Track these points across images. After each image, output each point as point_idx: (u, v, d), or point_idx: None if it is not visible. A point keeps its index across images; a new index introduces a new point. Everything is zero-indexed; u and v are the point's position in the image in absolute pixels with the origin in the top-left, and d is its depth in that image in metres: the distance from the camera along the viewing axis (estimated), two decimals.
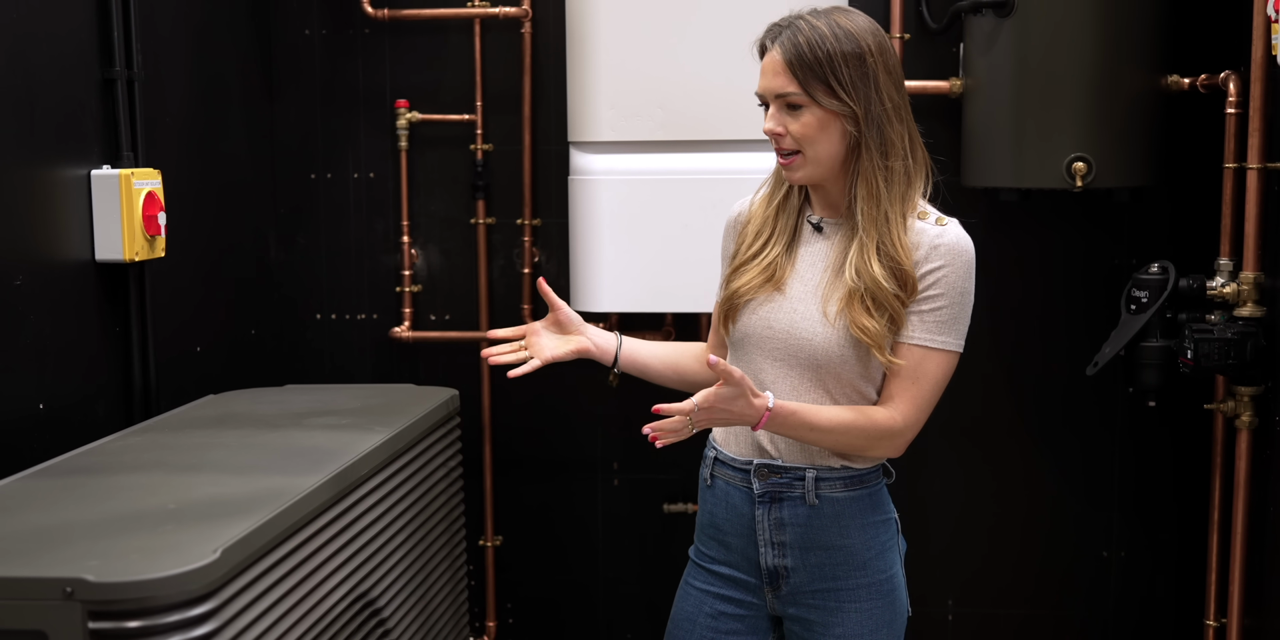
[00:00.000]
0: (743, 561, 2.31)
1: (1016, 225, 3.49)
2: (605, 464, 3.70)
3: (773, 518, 2.26)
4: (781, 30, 2.17)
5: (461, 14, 3.55)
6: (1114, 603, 3.58)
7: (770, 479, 2.25)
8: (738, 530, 2.30)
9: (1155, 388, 3.13)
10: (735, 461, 2.28)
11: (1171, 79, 3.19)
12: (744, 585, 2.32)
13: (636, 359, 2.44)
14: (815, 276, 2.23)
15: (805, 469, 2.24)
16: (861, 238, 2.16)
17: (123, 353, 2.88)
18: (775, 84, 2.15)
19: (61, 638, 1.74)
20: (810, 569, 2.26)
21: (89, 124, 2.77)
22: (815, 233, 2.26)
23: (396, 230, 3.65)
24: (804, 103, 2.14)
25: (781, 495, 2.25)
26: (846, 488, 2.26)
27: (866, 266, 2.14)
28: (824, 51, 2.12)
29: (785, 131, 2.16)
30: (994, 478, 3.60)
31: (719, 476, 2.32)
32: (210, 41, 3.31)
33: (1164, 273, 3.09)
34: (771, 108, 2.17)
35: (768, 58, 2.18)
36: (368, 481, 2.43)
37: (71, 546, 1.86)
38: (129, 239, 2.75)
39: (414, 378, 3.64)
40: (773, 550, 2.27)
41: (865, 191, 2.17)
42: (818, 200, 2.27)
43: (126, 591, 1.74)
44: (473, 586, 3.74)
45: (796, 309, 2.20)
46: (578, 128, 3.25)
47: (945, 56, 3.43)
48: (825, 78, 2.13)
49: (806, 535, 2.25)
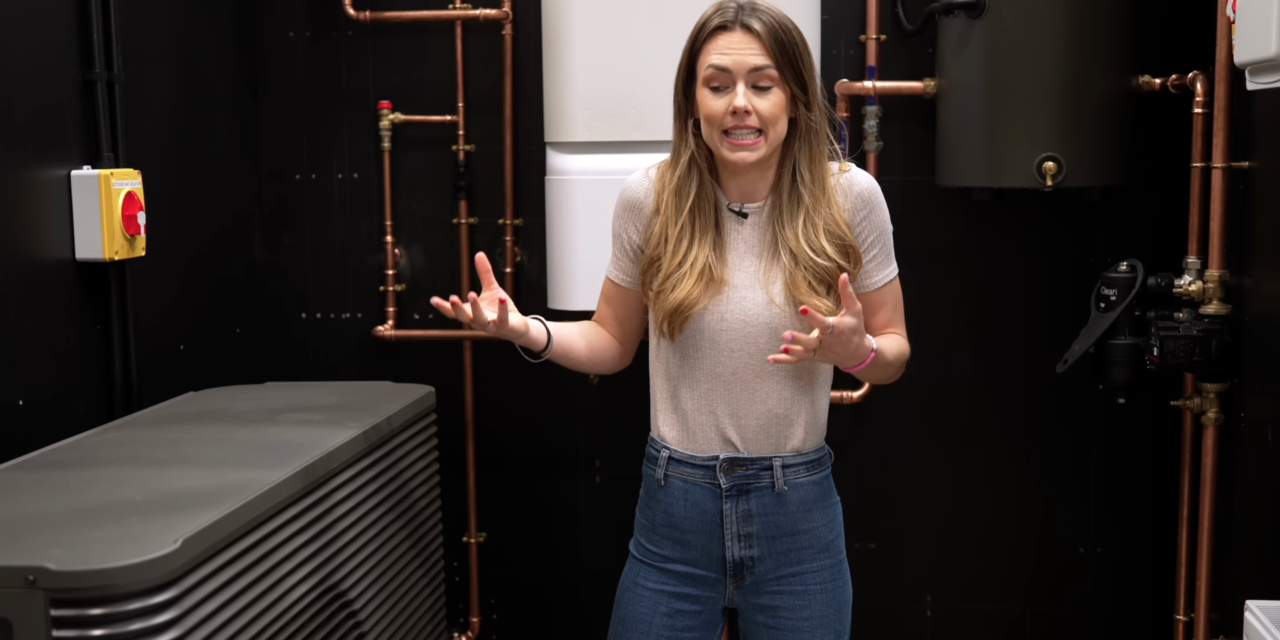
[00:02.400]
0: (702, 557, 2.34)
1: (992, 225, 3.52)
2: (587, 461, 3.74)
3: (740, 510, 2.29)
4: (743, 11, 2.20)
5: (443, 16, 3.59)
6: (1091, 598, 3.61)
7: (736, 472, 2.28)
8: (699, 527, 2.33)
9: (1124, 385, 3.16)
10: (696, 459, 2.31)
11: (1143, 79, 3.22)
12: (702, 581, 2.35)
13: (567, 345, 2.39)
14: (752, 264, 2.27)
15: (771, 458, 2.28)
16: (810, 219, 2.23)
17: (103, 350, 2.92)
18: (754, 60, 2.17)
19: (24, 625, 1.77)
20: (776, 556, 2.30)
21: (69, 125, 2.81)
22: (739, 220, 2.29)
23: (380, 230, 3.70)
24: (775, 82, 2.19)
25: (749, 487, 2.29)
26: (808, 472, 2.31)
27: (817, 242, 2.23)
28: (791, 36, 2.21)
29: (754, 110, 2.19)
30: (972, 475, 3.63)
31: (674, 475, 2.34)
32: (193, 44, 3.36)
33: (1132, 271, 3.13)
34: (740, 85, 2.18)
35: (737, 35, 2.19)
36: (338, 476, 2.46)
37: (36, 536, 1.90)
38: (108, 238, 2.80)
39: (398, 376, 3.67)
40: (739, 543, 2.30)
41: (811, 176, 2.25)
42: (735, 187, 2.30)
43: (87, 580, 1.78)
44: (457, 582, 3.78)
45: (746, 297, 2.25)
46: (554, 128, 3.28)
47: (921, 57, 3.46)
48: (795, 61, 2.20)
49: (774, 523, 2.29)
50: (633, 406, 2.50)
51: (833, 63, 3.50)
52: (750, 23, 2.18)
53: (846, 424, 3.53)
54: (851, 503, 2.40)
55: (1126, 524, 3.58)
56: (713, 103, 2.21)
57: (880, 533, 3.65)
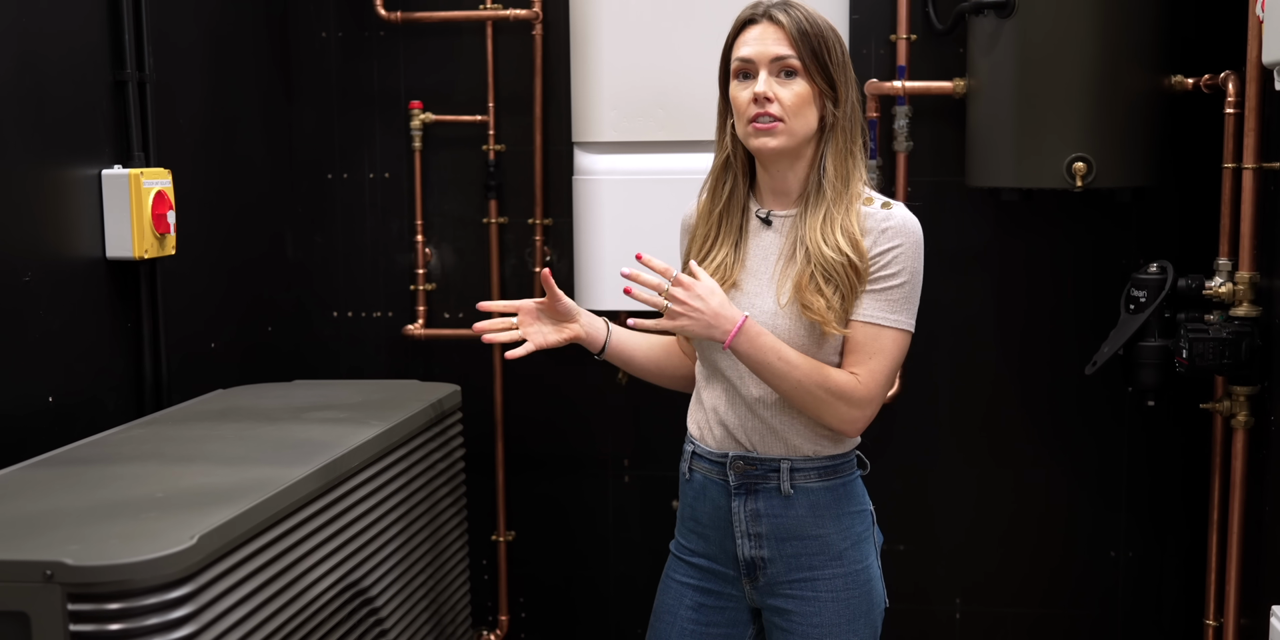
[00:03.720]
0: (720, 554, 2.35)
1: (1022, 225, 3.50)
2: (616, 461, 3.74)
3: (749, 509, 2.30)
4: (774, 6, 2.24)
5: (473, 16, 3.61)
6: (1122, 603, 3.59)
7: (745, 471, 2.29)
8: (715, 523, 2.34)
9: (1153, 387, 3.14)
10: (711, 454, 2.33)
11: (1175, 79, 3.19)
12: (722, 577, 2.36)
13: (623, 350, 2.48)
14: (768, 268, 2.28)
15: (779, 460, 2.28)
16: (830, 215, 2.23)
17: (133, 348, 2.95)
18: (775, 48, 2.21)
19: (42, 619, 1.80)
20: (786, 559, 2.30)
21: (100, 125, 2.84)
22: (763, 226, 2.30)
23: (411, 229, 3.72)
24: (799, 70, 2.21)
25: (757, 487, 2.29)
26: (821, 478, 2.30)
27: (831, 236, 2.20)
28: (819, 29, 2.23)
29: (775, 97, 2.21)
30: (1001, 477, 3.61)
31: (696, 470, 2.36)
32: (226, 44, 3.39)
33: (1162, 272, 3.10)
34: (763, 73, 2.21)
35: (762, 27, 2.23)
36: (359, 474, 2.48)
37: (56, 531, 1.92)
38: (138, 237, 2.82)
39: (427, 374, 3.69)
40: (749, 542, 2.31)
41: (835, 173, 2.25)
42: (767, 190, 2.32)
43: (104, 574, 1.80)
44: (485, 580, 3.80)
45: (754, 303, 2.26)
46: (581, 128, 3.29)
47: (951, 57, 3.45)
48: (821, 54, 2.22)
49: (782, 526, 2.29)
50: (661, 407, 2.50)
51: (863, 62, 3.49)
52: (777, 15, 2.23)
53: (875, 425, 3.49)
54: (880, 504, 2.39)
55: (1157, 528, 3.55)
56: (740, 93, 2.25)
57: (909, 534, 3.64)
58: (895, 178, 3.49)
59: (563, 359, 3.67)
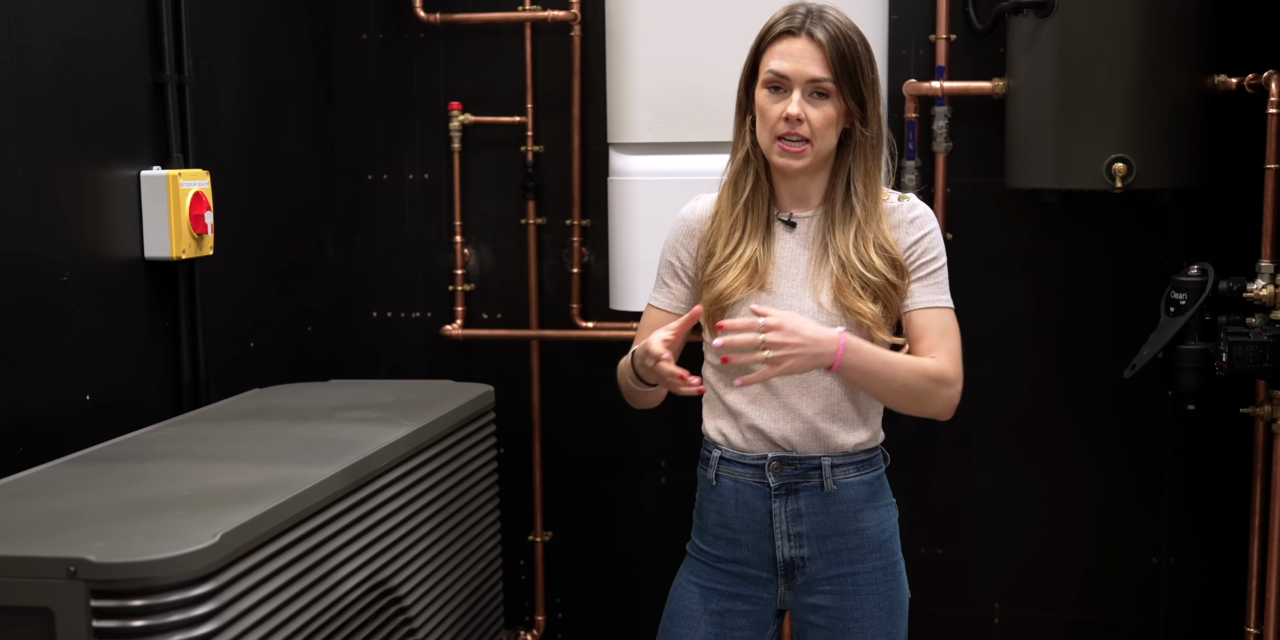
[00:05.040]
0: (754, 557, 2.34)
1: (1062, 227, 3.47)
2: (653, 462, 3.74)
3: (789, 509, 2.29)
4: (810, 17, 2.21)
5: (512, 18, 3.62)
6: (1164, 609, 3.54)
7: (784, 471, 2.28)
8: (749, 527, 2.33)
9: (1193, 391, 3.10)
10: (746, 458, 2.31)
11: (1218, 79, 3.15)
12: (754, 581, 2.35)
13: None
14: (799, 271, 2.27)
15: (820, 457, 2.28)
16: (861, 233, 2.24)
17: (172, 347, 2.98)
18: (813, 70, 2.18)
19: (66, 615, 1.82)
20: (827, 556, 2.30)
21: (139, 126, 2.88)
22: (787, 229, 2.29)
23: (450, 230, 3.73)
24: (832, 94, 2.20)
25: (797, 486, 2.29)
26: (858, 472, 2.31)
27: (866, 255, 2.22)
28: (854, 50, 2.21)
29: (806, 118, 2.20)
30: (1041, 481, 3.58)
31: (725, 475, 2.34)
32: (267, 46, 3.42)
33: (1203, 274, 3.06)
34: (796, 93, 2.19)
35: (800, 43, 2.20)
36: (388, 473, 2.49)
37: (81, 529, 1.94)
38: (176, 237, 2.85)
39: (466, 375, 3.71)
40: (789, 542, 2.30)
41: (865, 191, 2.26)
42: (787, 195, 2.31)
43: (127, 572, 1.81)
44: (523, 580, 3.81)
45: (794, 305, 2.24)
46: (616, 129, 3.30)
47: (992, 57, 3.42)
48: (855, 76, 2.20)
49: (823, 523, 2.29)
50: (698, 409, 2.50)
51: (901, 63, 3.47)
52: (815, 32, 2.19)
53: (914, 429, 3.48)
54: (919, 508, 2.38)
55: (1200, 534, 3.50)
56: (770, 106, 2.22)
57: (948, 539, 3.61)
58: (934, 178, 3.47)
59: (600, 360, 3.68)
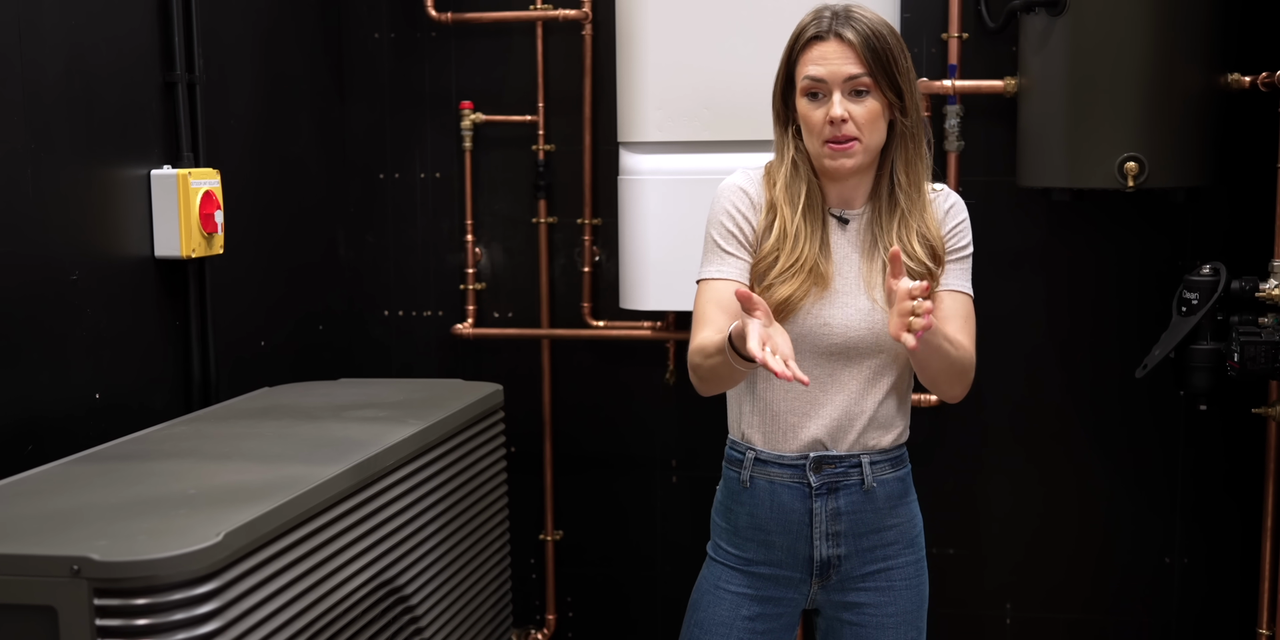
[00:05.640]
0: (787, 558, 2.33)
1: (1074, 226, 3.45)
2: (664, 461, 3.74)
3: (830, 508, 2.29)
4: (837, 19, 2.20)
5: (523, 17, 3.62)
6: (1177, 610, 3.53)
7: (825, 470, 2.28)
8: (785, 528, 2.32)
9: (1205, 391, 3.08)
10: (784, 459, 2.30)
11: (1232, 77, 3.13)
12: (785, 582, 2.34)
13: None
14: (852, 268, 2.28)
15: (859, 455, 2.29)
16: (905, 222, 2.26)
17: (182, 346, 2.98)
18: (848, 68, 2.18)
19: (69, 613, 1.82)
20: (862, 553, 2.32)
21: (149, 126, 2.88)
22: (839, 226, 2.30)
23: (461, 229, 3.73)
24: (870, 89, 2.20)
25: (838, 485, 2.29)
26: (893, 468, 2.33)
27: (910, 246, 2.24)
28: (886, 43, 2.21)
29: (851, 117, 2.19)
30: (1053, 481, 3.56)
31: (760, 476, 2.33)
32: (278, 46, 3.42)
33: (1215, 274, 3.04)
34: (836, 94, 2.19)
35: (831, 45, 2.19)
36: (394, 472, 2.49)
37: (86, 527, 1.95)
38: (186, 236, 2.86)
39: (477, 374, 3.71)
40: (827, 541, 2.30)
41: (908, 180, 2.27)
42: (835, 193, 2.31)
43: (130, 570, 1.82)
44: (533, 579, 3.81)
45: (849, 303, 2.25)
46: (626, 128, 3.29)
47: (1004, 56, 3.41)
48: (890, 68, 2.20)
49: (862, 520, 2.31)
50: (710, 407, 2.49)
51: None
52: (844, 32, 2.19)
53: (928, 427, 3.49)
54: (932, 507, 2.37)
55: (1211, 534, 3.49)
56: (812, 113, 2.22)
57: (961, 538, 3.60)
58: (947, 177, 3.46)
59: (611, 359, 3.68)
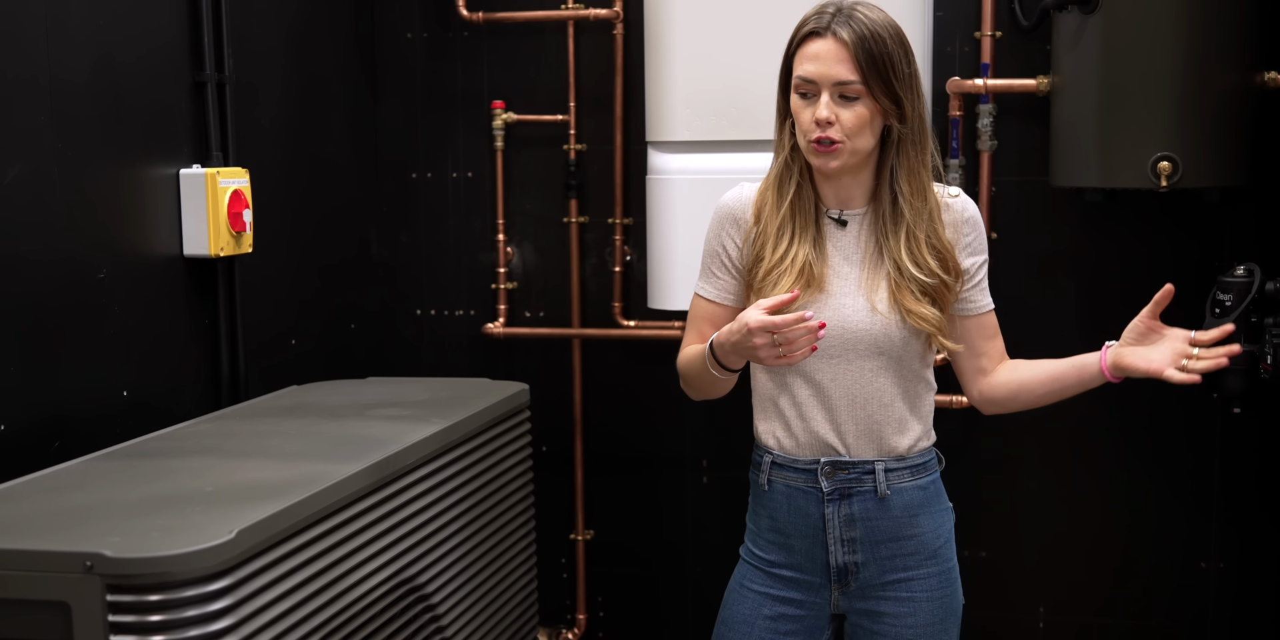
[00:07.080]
0: (807, 562, 2.32)
1: (1107, 226, 3.41)
2: (695, 461, 3.73)
3: (843, 514, 2.27)
4: (838, 17, 2.16)
5: (555, 16, 3.62)
6: (1212, 615, 3.48)
7: (837, 476, 2.26)
8: (802, 532, 2.31)
9: (1239, 394, 3.03)
10: (798, 462, 2.29)
11: (1267, 76, 3.09)
12: (807, 586, 2.33)
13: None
14: (853, 271, 2.25)
15: (873, 462, 2.26)
16: (911, 234, 2.22)
17: (211, 344, 3.00)
18: (837, 72, 2.15)
19: (83, 609, 1.83)
20: (881, 562, 2.28)
21: (179, 125, 2.90)
22: (838, 227, 2.27)
23: (493, 228, 3.74)
24: (861, 95, 2.16)
25: (851, 491, 2.27)
26: (913, 476, 2.29)
27: (921, 257, 2.21)
28: (884, 47, 2.15)
29: (837, 120, 2.16)
30: (1085, 484, 3.52)
31: (778, 480, 2.32)
32: (310, 46, 3.44)
33: (1249, 275, 3.00)
34: (825, 96, 2.16)
35: (825, 44, 2.15)
36: (415, 471, 2.49)
37: (101, 523, 1.96)
38: (214, 235, 2.88)
39: (508, 373, 3.71)
40: (843, 547, 2.28)
41: (911, 188, 2.23)
42: (831, 194, 2.28)
43: (142, 567, 1.83)
44: (564, 578, 3.81)
45: (845, 304, 2.23)
46: (654, 127, 3.29)
47: (1037, 54, 3.38)
48: (885, 73, 2.15)
49: (878, 528, 2.27)
50: (740, 408, 2.49)
51: (946, 60, 3.43)
52: (840, 31, 2.14)
53: (958, 430, 3.46)
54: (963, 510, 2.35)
55: (1248, 538, 3.44)
56: (801, 111, 2.20)
57: (992, 541, 3.57)
58: (979, 177, 3.43)
59: (642, 358, 3.68)
